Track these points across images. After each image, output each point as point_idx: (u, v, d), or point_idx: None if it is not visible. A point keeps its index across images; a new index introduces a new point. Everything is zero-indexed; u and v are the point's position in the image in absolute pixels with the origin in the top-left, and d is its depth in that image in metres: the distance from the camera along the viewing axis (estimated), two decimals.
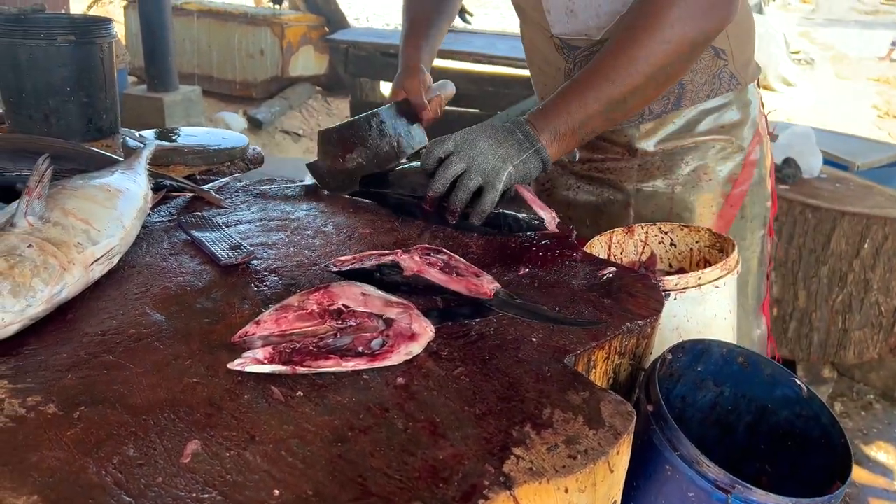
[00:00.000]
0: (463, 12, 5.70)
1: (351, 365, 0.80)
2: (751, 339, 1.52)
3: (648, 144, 1.43)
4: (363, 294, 0.90)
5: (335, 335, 0.85)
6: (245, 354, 0.80)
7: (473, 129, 1.18)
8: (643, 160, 1.44)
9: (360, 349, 0.83)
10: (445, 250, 1.02)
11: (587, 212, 1.53)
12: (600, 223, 1.47)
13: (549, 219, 1.18)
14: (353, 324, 0.86)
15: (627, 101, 1.18)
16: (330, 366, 0.80)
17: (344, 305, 0.88)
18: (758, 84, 1.49)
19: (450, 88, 1.56)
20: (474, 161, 1.15)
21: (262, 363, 0.79)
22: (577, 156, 1.52)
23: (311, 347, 0.82)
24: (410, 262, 0.96)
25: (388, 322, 0.86)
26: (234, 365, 0.79)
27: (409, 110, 1.43)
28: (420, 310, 0.89)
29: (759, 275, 1.54)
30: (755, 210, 1.48)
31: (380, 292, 0.91)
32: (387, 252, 1.00)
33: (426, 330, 0.86)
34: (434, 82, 1.51)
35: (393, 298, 0.91)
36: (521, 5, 1.47)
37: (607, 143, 1.47)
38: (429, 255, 1.00)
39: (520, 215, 1.18)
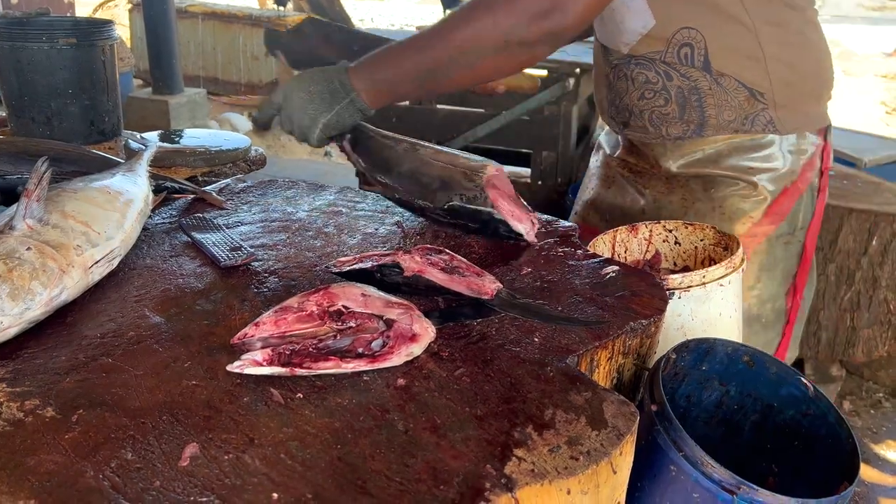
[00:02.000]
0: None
1: (351, 366, 0.80)
2: None
3: (671, 164, 1.41)
4: (363, 295, 0.89)
5: (335, 336, 0.84)
6: (244, 356, 0.80)
7: (295, 80, 1.24)
8: (669, 175, 1.44)
9: (361, 350, 0.83)
10: (447, 250, 1.01)
11: (609, 208, 1.54)
12: (616, 224, 1.46)
13: (528, 230, 1.15)
14: (354, 325, 0.85)
15: (436, 73, 1.20)
16: (330, 367, 0.79)
17: (344, 306, 0.87)
18: (825, 136, 1.42)
19: None
20: (291, 117, 1.24)
21: (261, 365, 0.79)
22: (618, 152, 1.54)
23: (310, 349, 0.82)
24: (411, 262, 0.95)
25: (389, 323, 0.85)
26: (233, 367, 0.79)
27: None
28: (421, 310, 0.88)
29: (764, 329, 1.47)
30: (768, 260, 1.42)
31: (380, 293, 0.91)
32: (387, 252, 0.99)
33: (427, 331, 0.85)
34: None
35: (394, 299, 0.90)
36: None
37: (643, 151, 1.47)
38: (430, 255, 0.99)
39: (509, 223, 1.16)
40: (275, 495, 0.63)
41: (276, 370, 0.79)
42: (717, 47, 1.28)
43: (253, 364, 0.79)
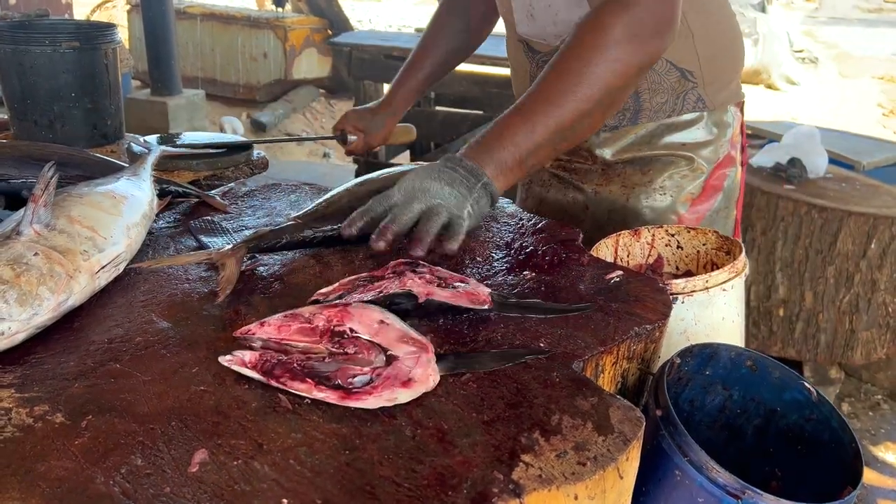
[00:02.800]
0: None
1: (321, 396, 0.76)
2: None
3: (606, 153, 1.42)
4: (381, 322, 0.85)
5: (324, 358, 0.82)
6: (235, 352, 0.81)
7: (413, 178, 1.02)
8: (605, 165, 1.45)
9: (338, 382, 0.78)
10: (422, 262, 1.00)
11: (554, 211, 1.54)
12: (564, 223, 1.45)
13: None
14: (349, 352, 0.82)
15: (575, 127, 1.09)
16: (302, 390, 0.77)
17: (351, 329, 0.84)
18: (741, 110, 1.47)
19: (408, 135, 1.78)
20: (433, 201, 1.00)
21: (246, 366, 0.79)
22: None
23: (294, 365, 0.80)
24: (421, 288, 0.92)
25: (390, 359, 0.81)
26: (223, 359, 0.80)
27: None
28: (437, 352, 0.83)
29: None
30: None
31: (402, 324, 0.86)
32: (362, 276, 0.98)
33: (427, 379, 0.79)
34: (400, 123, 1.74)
35: (413, 335, 0.84)
36: (497, 3, 1.50)
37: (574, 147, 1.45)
38: (414, 269, 0.97)
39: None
40: (284, 501, 0.64)
41: (258, 377, 0.79)
42: None
43: (240, 363, 0.80)
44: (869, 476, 2.50)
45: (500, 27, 1.61)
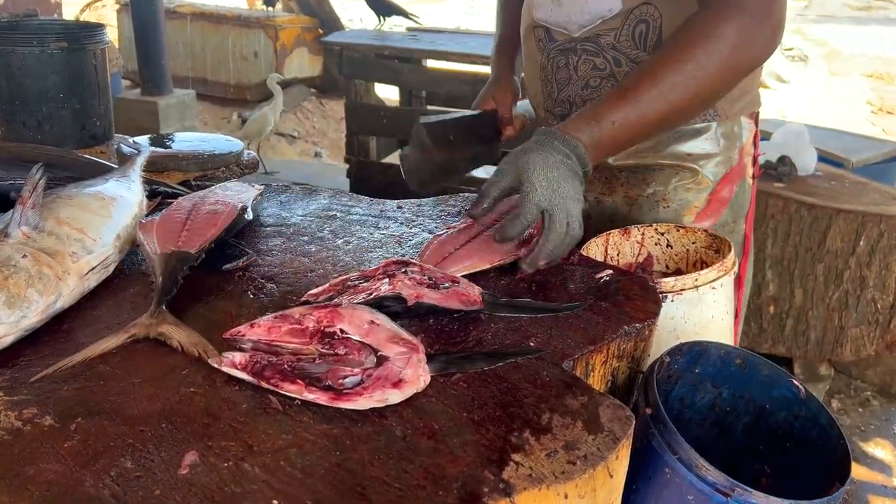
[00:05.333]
0: (407, 14, 5.70)
1: (312, 397, 0.76)
2: None
3: (609, 159, 1.37)
4: (371, 322, 0.85)
5: (314, 359, 0.81)
6: (225, 354, 0.81)
7: (551, 176, 1.04)
8: (608, 173, 1.41)
9: (329, 383, 0.78)
10: (413, 261, 1.00)
11: None
12: None
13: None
14: (339, 352, 0.82)
15: (672, 119, 1.14)
16: (293, 391, 0.77)
17: (341, 330, 0.84)
18: (756, 121, 1.41)
19: (532, 113, 1.57)
20: (571, 214, 1.05)
21: (237, 368, 0.79)
22: None
23: (284, 366, 0.80)
24: (410, 290, 0.92)
25: (381, 360, 0.81)
26: (213, 361, 0.80)
27: (493, 122, 1.46)
28: (429, 352, 0.84)
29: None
30: None
31: (392, 325, 0.86)
32: (353, 276, 0.98)
33: (418, 380, 0.78)
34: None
35: (403, 335, 0.84)
36: None
37: None
38: (405, 270, 0.96)
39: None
40: (275, 502, 0.64)
41: (248, 378, 0.79)
42: (670, 25, 1.24)
43: (229, 364, 0.80)
44: (859, 472, 2.52)
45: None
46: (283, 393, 0.77)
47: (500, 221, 1.06)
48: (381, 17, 5.66)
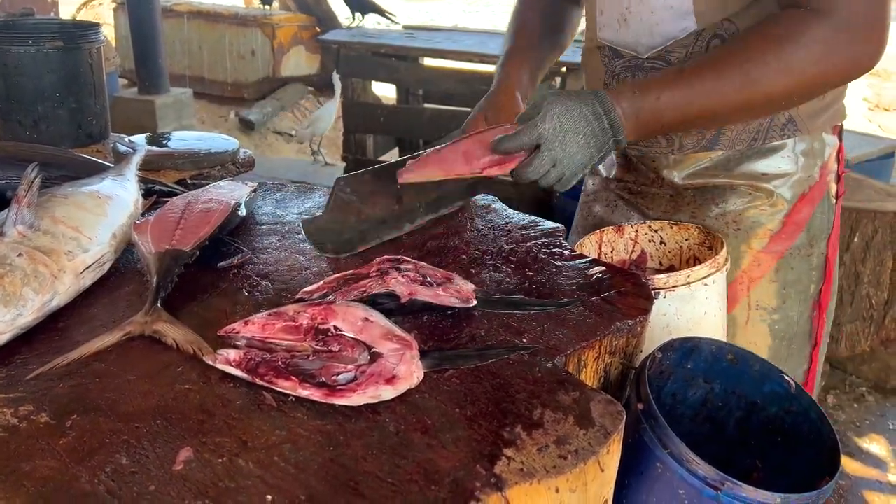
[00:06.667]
0: (384, 12, 5.67)
1: (306, 393, 0.76)
2: None
3: (675, 176, 1.29)
4: (365, 319, 0.86)
5: (308, 356, 0.82)
6: (220, 351, 0.81)
7: (564, 118, 1.04)
8: (674, 191, 1.31)
9: (323, 379, 0.78)
10: (406, 258, 1.01)
11: None
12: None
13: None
14: (333, 349, 0.82)
15: (727, 115, 1.09)
16: (287, 388, 0.77)
17: (335, 327, 0.84)
18: (840, 135, 1.29)
19: None
20: (562, 162, 1.05)
21: (231, 365, 0.80)
22: (613, 172, 1.41)
23: (279, 363, 0.80)
24: (404, 288, 0.93)
25: (374, 357, 0.81)
26: (208, 358, 0.81)
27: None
28: (422, 349, 0.84)
29: (789, 356, 1.31)
30: (790, 277, 1.27)
31: (385, 322, 0.86)
32: (347, 274, 0.98)
33: (412, 376, 0.79)
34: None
35: (397, 332, 0.85)
36: (585, 3, 1.36)
37: (641, 166, 1.34)
38: (398, 268, 0.97)
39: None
40: (269, 497, 0.64)
41: (242, 375, 0.79)
42: None
43: (224, 362, 0.80)
44: (854, 467, 2.53)
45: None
46: (278, 389, 0.78)
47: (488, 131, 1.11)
48: (356, 14, 5.63)
